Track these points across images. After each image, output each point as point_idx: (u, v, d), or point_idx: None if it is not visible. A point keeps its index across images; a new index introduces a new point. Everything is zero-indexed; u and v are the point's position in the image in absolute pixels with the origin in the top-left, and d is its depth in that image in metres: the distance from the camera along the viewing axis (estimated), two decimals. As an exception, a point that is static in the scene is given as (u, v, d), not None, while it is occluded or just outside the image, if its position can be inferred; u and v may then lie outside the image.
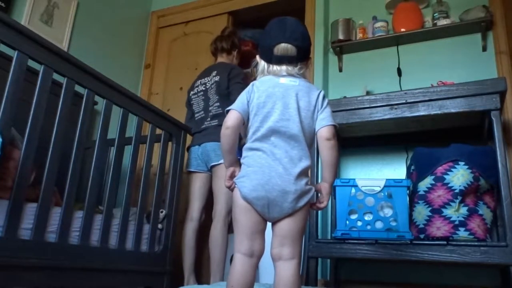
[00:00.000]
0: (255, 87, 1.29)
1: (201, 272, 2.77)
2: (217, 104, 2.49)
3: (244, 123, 1.28)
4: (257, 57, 1.37)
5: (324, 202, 1.27)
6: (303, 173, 1.19)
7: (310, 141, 1.26)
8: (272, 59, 1.29)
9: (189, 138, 2.53)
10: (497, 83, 1.80)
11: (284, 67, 1.29)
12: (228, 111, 1.29)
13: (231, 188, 1.28)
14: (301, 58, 1.30)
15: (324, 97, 1.30)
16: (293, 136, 1.21)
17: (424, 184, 1.89)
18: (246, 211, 1.19)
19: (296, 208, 1.18)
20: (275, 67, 1.30)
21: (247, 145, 1.26)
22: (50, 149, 1.69)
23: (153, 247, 2.11)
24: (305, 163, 1.20)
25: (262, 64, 1.34)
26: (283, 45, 1.28)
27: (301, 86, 1.27)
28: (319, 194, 1.29)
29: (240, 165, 1.29)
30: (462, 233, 1.76)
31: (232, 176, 1.29)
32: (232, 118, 1.26)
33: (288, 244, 1.18)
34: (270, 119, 1.22)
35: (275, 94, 1.25)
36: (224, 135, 1.27)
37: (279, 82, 1.27)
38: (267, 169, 1.18)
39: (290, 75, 1.28)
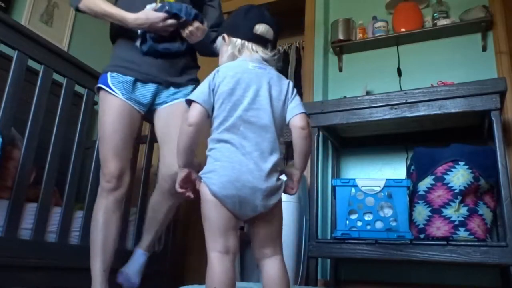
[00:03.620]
0: (220, 73, 1.18)
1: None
2: None
3: (208, 117, 1.16)
4: (224, 37, 1.28)
5: (294, 189, 1.20)
6: (274, 169, 1.12)
7: (280, 132, 1.19)
8: (251, 38, 1.23)
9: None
10: (497, 83, 1.80)
11: (260, 49, 1.23)
12: (189, 102, 1.17)
13: (186, 195, 1.21)
14: (274, 45, 1.27)
15: (293, 87, 1.24)
16: (264, 126, 1.13)
17: (424, 184, 1.89)
18: (217, 207, 1.10)
19: (269, 206, 1.12)
20: (252, 46, 1.23)
21: (213, 136, 1.15)
22: (50, 149, 1.69)
23: (153, 247, 2.11)
24: (276, 156, 1.13)
25: (236, 42, 1.24)
26: (264, 25, 1.24)
27: (272, 74, 1.21)
28: (289, 181, 1.21)
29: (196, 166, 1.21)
30: (462, 233, 1.76)
31: (186, 180, 1.20)
32: (195, 114, 1.14)
33: (268, 245, 1.14)
34: (239, 108, 1.13)
35: (244, 80, 1.16)
36: (185, 133, 1.15)
37: (249, 68, 1.18)
38: (237, 165, 1.09)
39: (263, 59, 1.23)
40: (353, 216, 1.92)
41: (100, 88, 1.66)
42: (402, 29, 2.57)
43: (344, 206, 1.94)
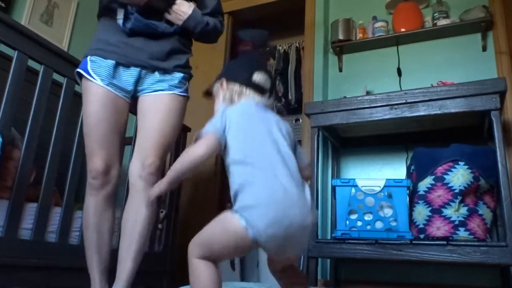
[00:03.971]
0: (230, 112, 1.14)
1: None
2: None
3: (220, 150, 1.10)
4: (222, 82, 1.26)
5: None
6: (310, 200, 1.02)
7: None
8: (250, 84, 1.22)
9: (189, 138, 2.53)
10: (497, 83, 1.80)
11: (257, 96, 1.22)
12: (197, 135, 1.12)
13: (151, 198, 1.21)
14: (271, 94, 1.26)
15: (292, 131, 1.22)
16: (287, 157, 1.05)
17: (424, 184, 1.89)
18: (239, 249, 0.97)
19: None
20: (250, 92, 1.22)
21: (235, 157, 1.05)
22: (50, 149, 1.69)
23: (153, 247, 2.11)
24: (307, 186, 1.05)
25: (234, 87, 1.23)
26: (262, 74, 1.24)
27: (275, 115, 1.19)
28: None
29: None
30: (462, 233, 1.76)
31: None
32: (208, 144, 1.08)
33: (289, 265, 1.09)
34: (258, 141, 1.07)
35: (256, 116, 1.14)
36: (192, 161, 1.08)
37: (255, 106, 1.18)
38: (281, 195, 0.94)
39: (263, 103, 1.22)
40: (353, 216, 1.92)
41: (81, 75, 1.52)
42: (402, 29, 2.58)
43: (344, 206, 1.94)
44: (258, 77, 1.23)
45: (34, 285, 1.56)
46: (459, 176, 1.79)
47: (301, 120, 3.26)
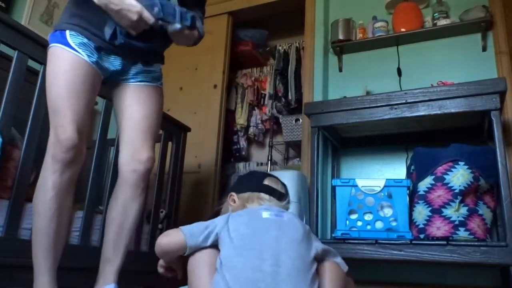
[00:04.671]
0: (230, 219, 1.10)
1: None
2: None
3: (183, 254, 1.11)
4: (232, 196, 1.24)
5: None
6: None
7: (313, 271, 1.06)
8: (260, 189, 1.20)
9: (189, 138, 2.52)
10: (497, 83, 1.80)
11: (269, 197, 1.19)
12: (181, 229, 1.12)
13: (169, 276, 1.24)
14: (286, 197, 1.24)
15: (309, 229, 1.16)
16: (285, 273, 1.00)
17: (424, 184, 1.89)
18: None
19: None
20: (261, 195, 1.19)
21: (220, 261, 1.05)
22: (50, 149, 1.69)
23: (153, 247, 2.11)
24: None
25: (244, 195, 1.22)
26: (273, 179, 1.24)
27: (287, 218, 1.13)
28: None
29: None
30: (462, 233, 1.76)
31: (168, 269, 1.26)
32: (172, 240, 1.12)
33: None
34: (253, 255, 1.02)
35: (258, 227, 1.07)
36: (160, 251, 1.17)
37: (263, 217, 1.10)
38: None
39: (278, 207, 1.18)
40: (353, 216, 1.92)
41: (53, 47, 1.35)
42: (402, 29, 2.57)
43: (344, 206, 1.94)
44: (269, 181, 1.23)
45: (34, 285, 1.55)
46: (459, 176, 1.79)
47: (301, 120, 3.26)
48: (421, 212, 1.88)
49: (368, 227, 1.89)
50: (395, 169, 2.44)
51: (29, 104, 1.60)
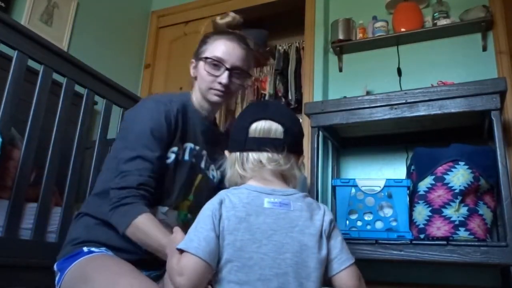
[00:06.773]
0: (224, 209, 0.84)
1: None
2: None
3: (212, 272, 0.82)
4: (225, 153, 0.98)
5: None
6: None
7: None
8: (245, 144, 0.90)
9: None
10: (497, 83, 1.80)
11: (265, 154, 0.89)
12: (178, 250, 0.82)
13: None
14: (291, 144, 0.93)
15: (331, 220, 0.93)
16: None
17: (424, 184, 1.89)
18: None
19: None
20: (251, 155, 0.90)
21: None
22: (50, 149, 1.69)
23: None
24: None
25: (231, 157, 0.94)
26: (262, 122, 0.91)
27: (298, 209, 0.88)
28: None
29: None
30: (462, 233, 1.76)
31: None
32: (192, 269, 0.79)
33: None
34: (255, 271, 0.81)
35: (259, 229, 0.83)
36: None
37: (264, 207, 0.85)
38: None
39: (279, 173, 0.92)
40: (353, 216, 1.92)
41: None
42: (402, 29, 2.58)
43: (344, 206, 1.94)
44: (257, 127, 0.91)
45: (34, 285, 1.55)
46: (459, 176, 1.79)
47: (301, 120, 3.26)
48: (421, 212, 1.88)
49: (368, 227, 1.89)
50: (395, 169, 2.44)
51: (29, 104, 1.61)
